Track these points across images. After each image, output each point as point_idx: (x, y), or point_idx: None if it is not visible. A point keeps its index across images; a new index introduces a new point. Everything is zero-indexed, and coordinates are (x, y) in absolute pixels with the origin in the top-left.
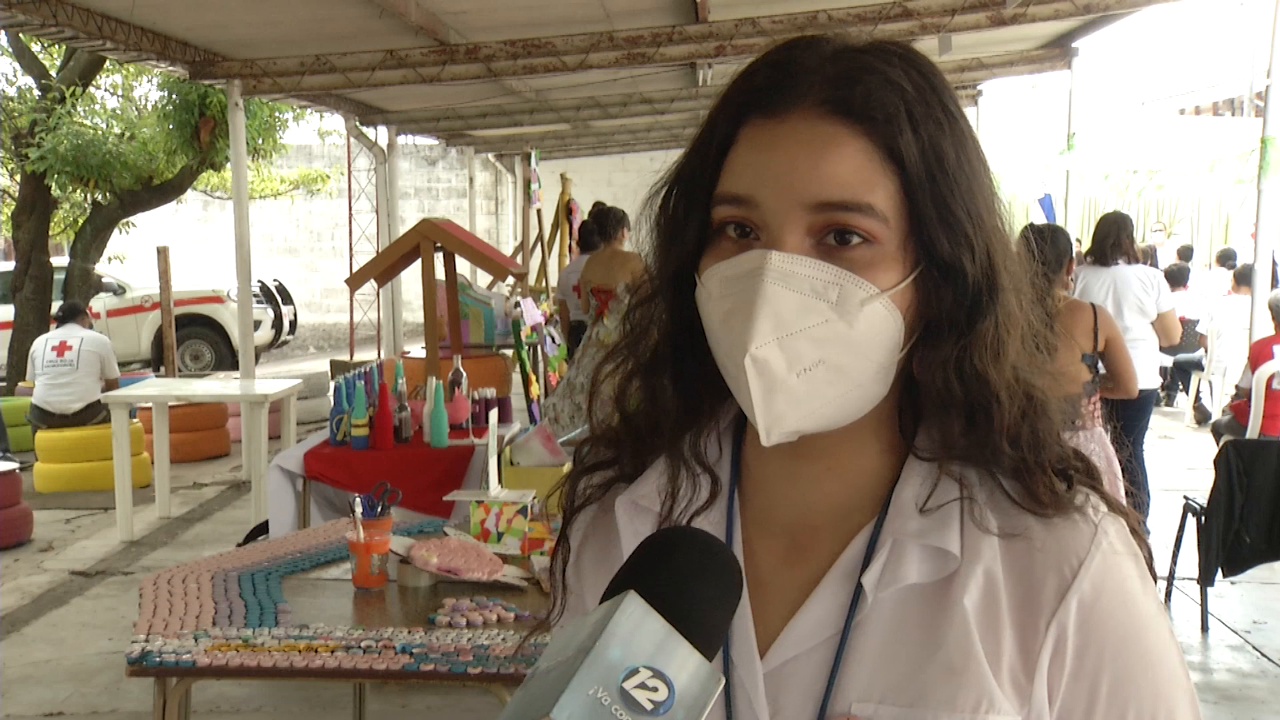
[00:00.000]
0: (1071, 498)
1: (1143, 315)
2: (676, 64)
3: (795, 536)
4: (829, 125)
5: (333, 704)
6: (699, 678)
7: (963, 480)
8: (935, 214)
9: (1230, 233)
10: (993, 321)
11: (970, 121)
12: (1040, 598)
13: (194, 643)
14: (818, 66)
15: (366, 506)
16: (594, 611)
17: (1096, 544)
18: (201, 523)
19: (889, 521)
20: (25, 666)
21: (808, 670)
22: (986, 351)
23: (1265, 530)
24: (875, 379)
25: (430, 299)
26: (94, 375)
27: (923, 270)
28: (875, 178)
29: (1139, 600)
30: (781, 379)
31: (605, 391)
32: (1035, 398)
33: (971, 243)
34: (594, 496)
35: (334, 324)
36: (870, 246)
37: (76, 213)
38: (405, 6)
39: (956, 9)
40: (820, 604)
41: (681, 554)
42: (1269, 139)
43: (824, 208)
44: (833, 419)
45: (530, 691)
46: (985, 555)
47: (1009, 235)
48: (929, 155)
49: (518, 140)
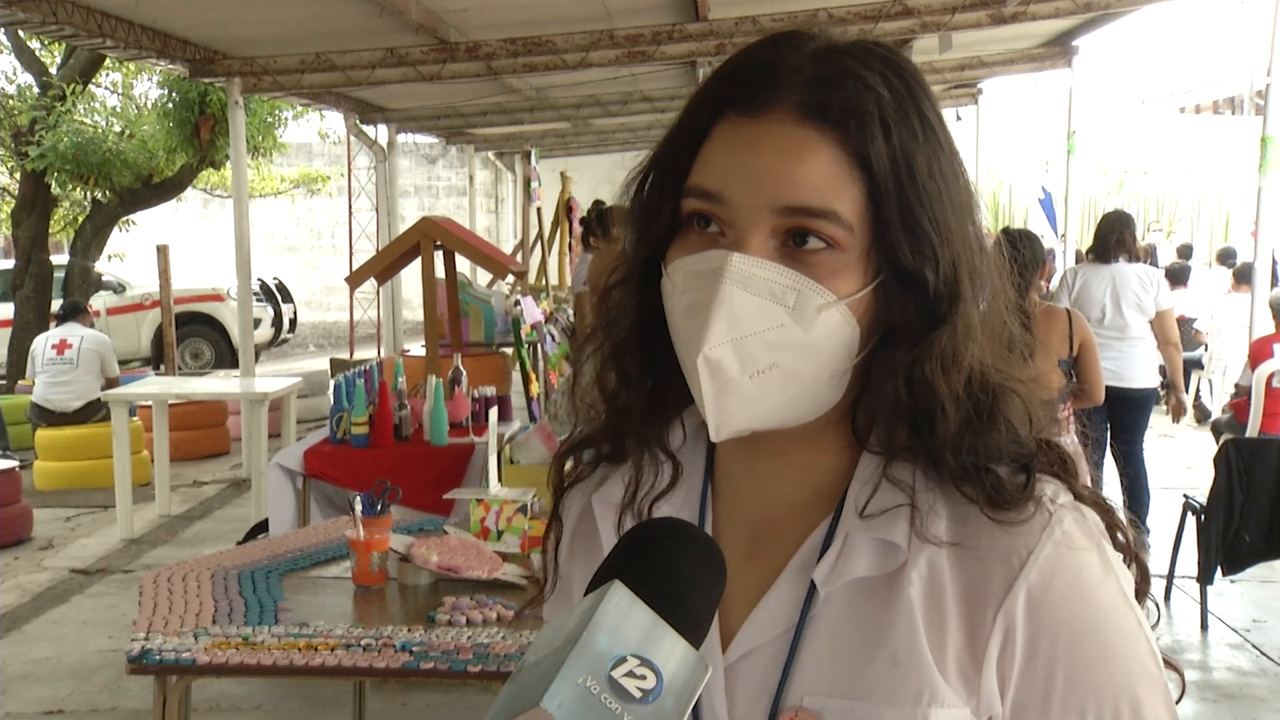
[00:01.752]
0: (1028, 492)
1: (1141, 313)
2: (677, 62)
3: (758, 532)
4: (803, 130)
5: (333, 702)
6: (686, 665)
7: (910, 483)
8: (900, 223)
9: (1230, 231)
10: (948, 332)
11: (949, 129)
12: (988, 588)
13: (194, 641)
14: (799, 67)
15: (366, 505)
16: (580, 603)
17: (1049, 534)
18: (201, 521)
19: (844, 518)
20: (26, 664)
21: (763, 664)
22: (936, 361)
23: (1265, 529)
24: (828, 383)
25: (430, 297)
26: (94, 373)
27: (884, 278)
28: (843, 185)
29: (1097, 590)
30: (734, 380)
31: (588, 375)
32: (986, 405)
33: (936, 253)
34: (583, 474)
35: (334, 322)
36: (832, 253)
37: (76, 211)
38: (405, 5)
39: (957, 7)
40: (776, 599)
41: (666, 544)
42: (1269, 137)
43: (790, 212)
44: (783, 419)
45: (519, 683)
46: (928, 550)
47: (981, 245)
48: (899, 164)
49: (518, 138)
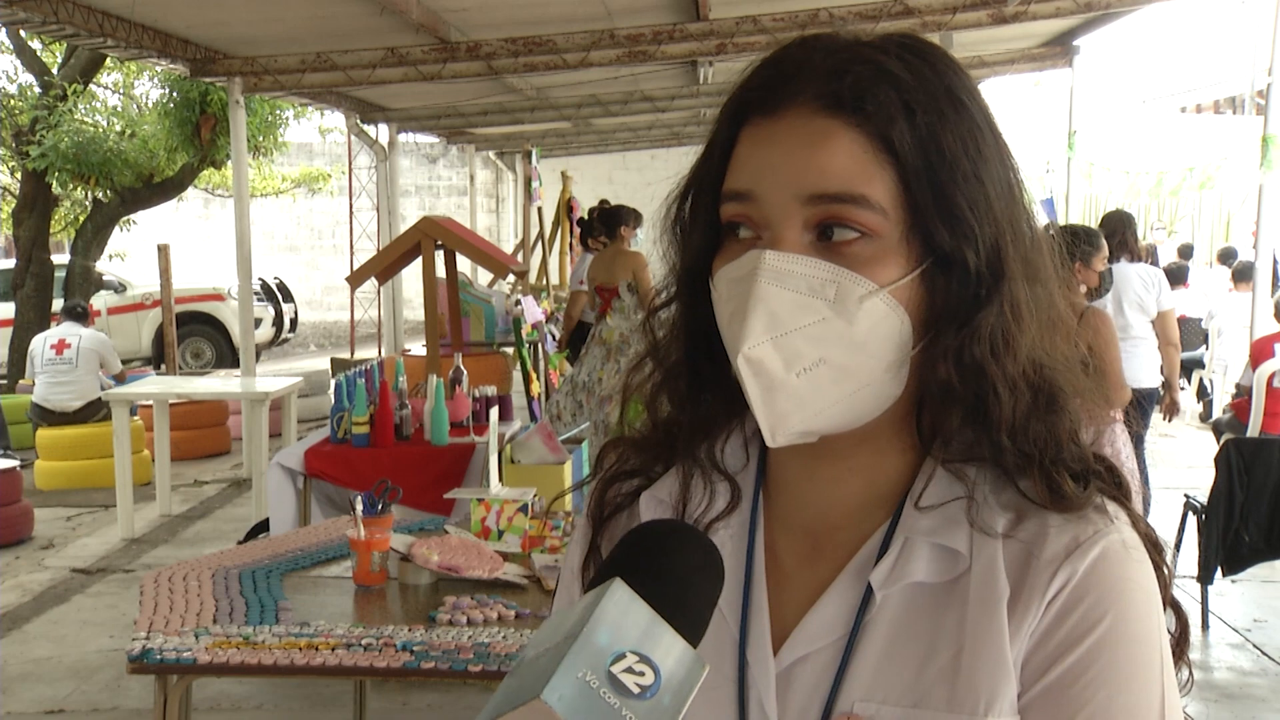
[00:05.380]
0: (1088, 495)
1: (1143, 313)
2: (677, 62)
3: (816, 535)
4: (823, 119)
5: (333, 701)
6: (684, 663)
7: (971, 478)
8: (934, 204)
9: (1231, 231)
10: (994, 313)
11: (986, 108)
12: (1039, 584)
13: (195, 640)
14: (813, 63)
15: (367, 504)
16: (581, 600)
17: (1104, 534)
18: (202, 520)
19: (902, 520)
20: (26, 664)
21: (816, 669)
22: (986, 345)
23: (1266, 528)
24: (885, 378)
25: (431, 297)
26: (94, 373)
27: (929, 264)
28: (870, 169)
29: (1136, 604)
30: (780, 378)
31: (608, 389)
32: (1046, 393)
33: (975, 233)
34: (623, 505)
35: (335, 322)
36: (869, 241)
37: (77, 210)
38: (406, 4)
39: (957, 7)
40: (831, 603)
41: (665, 544)
42: (1270, 137)
43: (819, 200)
44: (844, 419)
45: (519, 676)
46: (990, 555)
47: (1031, 227)
48: (926, 145)
49: (518, 138)
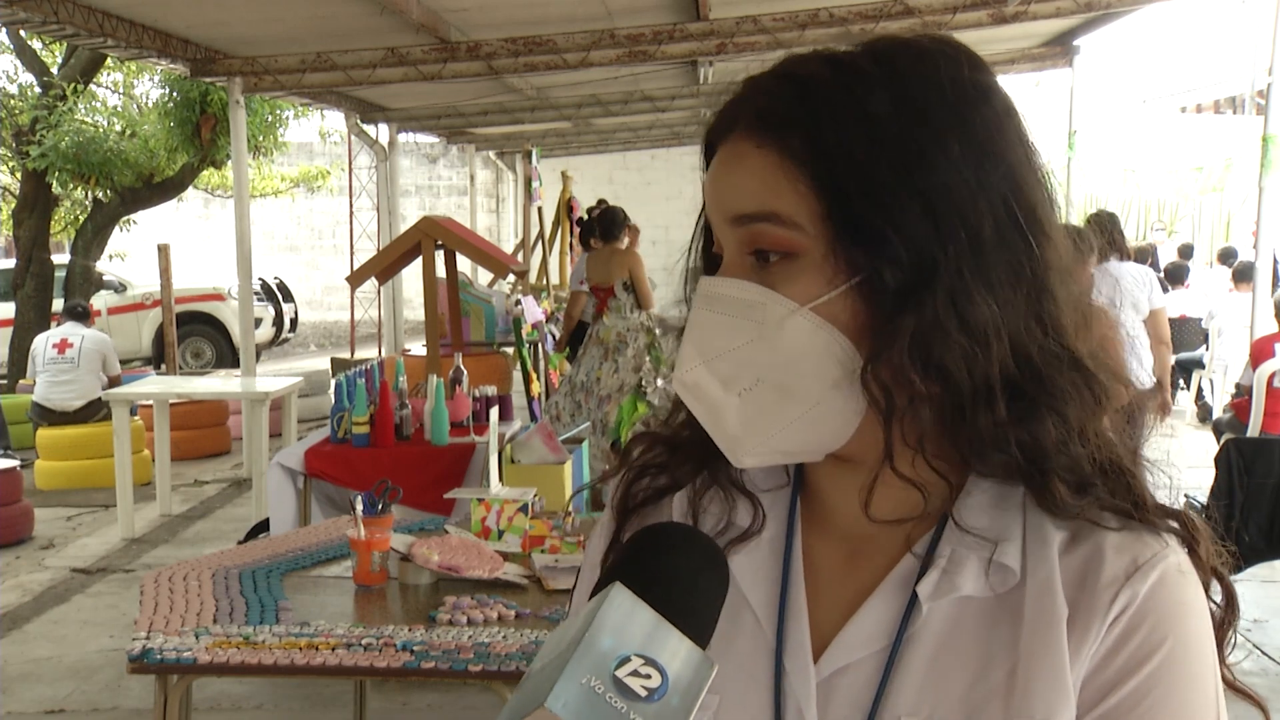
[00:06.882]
0: (1142, 515)
1: (1136, 312)
2: (678, 62)
3: (855, 541)
4: (743, 143)
5: (333, 701)
6: (691, 664)
7: (1019, 493)
8: (845, 219)
9: (1231, 230)
10: (926, 324)
11: (947, 101)
12: (1098, 606)
13: (195, 640)
14: (748, 89)
15: (367, 504)
16: (583, 608)
17: (1163, 557)
18: (202, 520)
19: (948, 531)
20: (26, 664)
21: (858, 680)
22: (921, 356)
23: (1266, 528)
24: (836, 395)
25: (431, 296)
26: (95, 373)
27: (863, 279)
28: (780, 185)
29: (1192, 629)
30: (719, 399)
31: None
32: (1026, 400)
33: (894, 247)
34: (650, 500)
35: (335, 321)
36: (792, 260)
37: (77, 210)
38: (406, 4)
39: (958, 7)
40: (874, 612)
41: (667, 547)
42: (1270, 137)
43: (740, 221)
44: (814, 439)
45: (525, 689)
46: (1047, 572)
47: (1009, 225)
48: (833, 156)
49: (519, 138)
